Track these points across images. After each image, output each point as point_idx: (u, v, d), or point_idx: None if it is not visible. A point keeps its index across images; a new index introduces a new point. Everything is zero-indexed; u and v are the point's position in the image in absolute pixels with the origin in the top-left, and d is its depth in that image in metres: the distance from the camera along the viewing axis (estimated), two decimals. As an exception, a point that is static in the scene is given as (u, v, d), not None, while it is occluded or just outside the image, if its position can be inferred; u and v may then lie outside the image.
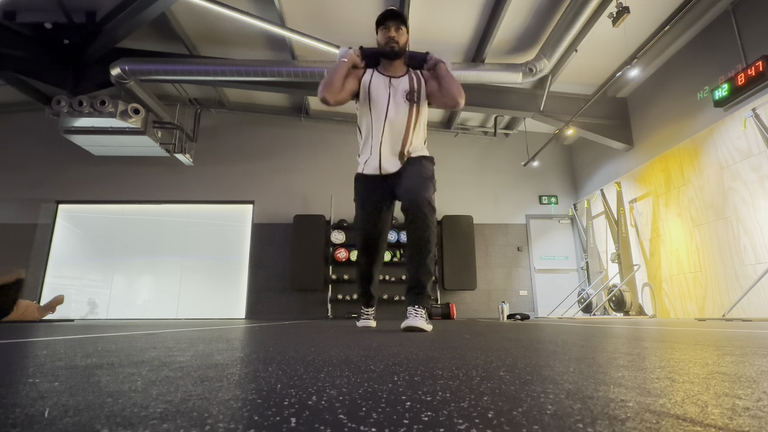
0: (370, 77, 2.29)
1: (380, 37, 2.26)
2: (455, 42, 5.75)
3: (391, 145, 2.24)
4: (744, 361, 0.73)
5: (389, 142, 2.24)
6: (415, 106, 2.25)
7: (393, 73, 2.30)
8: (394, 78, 2.28)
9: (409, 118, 2.24)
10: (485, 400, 0.41)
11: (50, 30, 5.51)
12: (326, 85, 2.15)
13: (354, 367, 0.66)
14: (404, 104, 2.23)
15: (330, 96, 2.14)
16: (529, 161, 7.59)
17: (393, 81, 2.27)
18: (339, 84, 2.17)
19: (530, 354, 0.86)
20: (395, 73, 2.30)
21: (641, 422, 0.32)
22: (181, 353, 0.87)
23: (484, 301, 7.45)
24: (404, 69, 2.33)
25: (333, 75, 2.17)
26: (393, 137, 2.23)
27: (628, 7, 4.23)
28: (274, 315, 7.13)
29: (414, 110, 2.25)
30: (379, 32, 2.27)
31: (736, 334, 1.54)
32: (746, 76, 4.24)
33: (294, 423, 0.32)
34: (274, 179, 7.79)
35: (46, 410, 0.36)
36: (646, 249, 6.04)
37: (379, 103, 2.24)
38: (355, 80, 2.28)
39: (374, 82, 2.27)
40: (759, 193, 4.29)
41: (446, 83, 2.19)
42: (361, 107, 2.32)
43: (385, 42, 2.23)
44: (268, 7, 5.16)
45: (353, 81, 2.27)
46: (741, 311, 4.33)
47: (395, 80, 2.27)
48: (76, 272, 7.44)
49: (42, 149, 7.72)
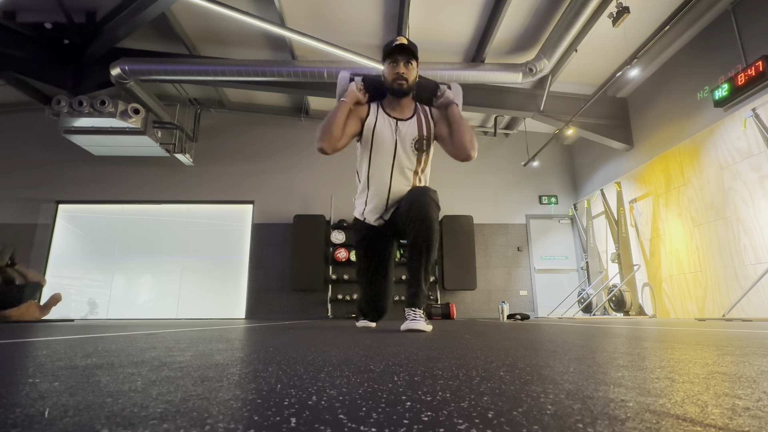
0: (375, 119, 2.08)
1: (387, 71, 2.05)
2: (455, 42, 5.76)
3: (397, 195, 2.11)
4: (744, 361, 0.73)
5: (396, 192, 2.11)
6: (423, 155, 2.11)
7: (400, 113, 2.12)
8: (402, 121, 2.09)
9: (417, 167, 2.11)
10: (485, 400, 0.41)
11: (50, 30, 5.51)
12: (325, 133, 1.94)
13: (354, 367, 0.66)
14: (413, 154, 2.09)
15: (328, 146, 1.94)
16: (529, 161, 7.59)
17: (400, 125, 2.08)
18: (339, 132, 1.96)
19: (530, 354, 0.86)
20: (402, 114, 2.12)
21: (641, 422, 0.32)
22: (181, 353, 0.87)
23: (484, 301, 7.45)
24: (412, 107, 2.16)
25: (332, 120, 1.96)
26: (399, 187, 2.10)
27: (628, 7, 4.24)
28: (274, 315, 7.13)
29: (422, 159, 2.11)
30: (386, 65, 2.05)
31: (736, 334, 1.54)
32: (746, 76, 4.24)
33: (294, 423, 0.32)
34: (274, 179, 7.79)
35: (46, 410, 0.36)
36: (646, 249, 6.04)
37: (384, 153, 2.07)
38: (357, 121, 2.07)
39: (379, 127, 2.07)
40: (759, 193, 4.29)
41: (459, 133, 2.02)
42: (362, 150, 2.14)
43: (393, 79, 2.03)
44: (268, 7, 5.16)
45: (355, 122, 2.06)
46: (741, 311, 4.33)
47: (402, 124, 2.09)
48: (76, 272, 7.45)
49: (42, 149, 7.72)
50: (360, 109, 2.10)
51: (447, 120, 2.08)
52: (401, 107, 2.12)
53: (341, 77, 2.14)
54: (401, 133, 2.08)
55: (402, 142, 2.07)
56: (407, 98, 2.12)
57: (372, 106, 2.13)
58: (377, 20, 5.38)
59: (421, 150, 2.10)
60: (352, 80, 2.13)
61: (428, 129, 2.11)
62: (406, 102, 2.12)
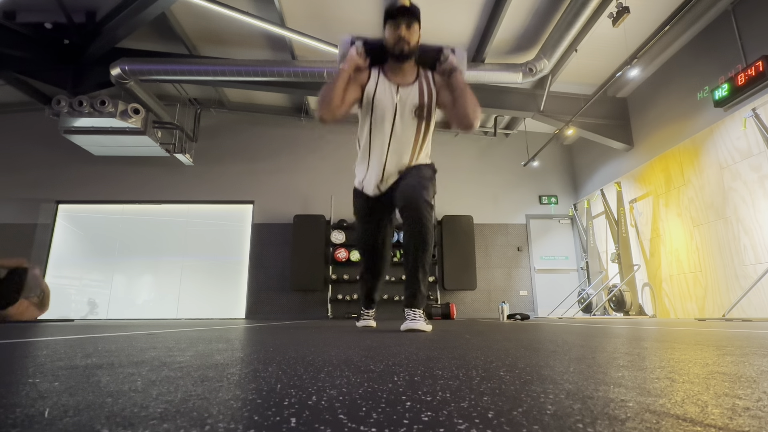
0: (375, 84, 2.02)
1: (388, 34, 1.97)
2: (455, 41, 5.74)
3: (395, 164, 2.08)
4: (744, 361, 0.72)
5: (393, 161, 2.07)
6: (424, 123, 2.04)
7: (402, 79, 2.04)
8: (403, 87, 2.02)
9: (417, 135, 2.04)
10: (485, 400, 0.41)
11: (50, 30, 5.51)
12: (324, 101, 1.90)
13: (354, 367, 0.66)
14: (412, 121, 2.02)
15: (328, 114, 1.89)
16: (529, 161, 7.59)
17: (401, 91, 2.01)
18: (339, 100, 1.91)
19: (530, 354, 0.86)
20: (404, 80, 2.04)
21: (641, 422, 0.32)
22: (181, 353, 0.87)
23: (484, 301, 7.45)
24: (414, 72, 2.07)
25: (332, 89, 1.90)
26: (398, 155, 2.06)
27: (628, 7, 4.24)
28: (274, 315, 7.13)
29: (423, 126, 2.05)
30: (387, 28, 1.97)
31: (736, 334, 1.54)
32: (746, 76, 4.24)
33: (294, 423, 0.32)
34: (274, 179, 7.79)
35: (46, 410, 0.36)
36: (646, 249, 6.04)
37: (384, 118, 2.01)
38: (357, 87, 2.01)
39: (379, 92, 2.01)
40: (759, 193, 4.29)
41: (461, 101, 1.93)
42: (362, 116, 2.09)
43: (394, 42, 1.95)
44: (268, 7, 5.16)
45: (355, 89, 2.00)
46: (741, 311, 4.33)
47: (404, 90, 2.02)
48: (76, 272, 7.44)
49: (42, 149, 7.72)
50: (360, 74, 2.03)
51: (450, 87, 2.00)
52: (403, 72, 2.04)
53: (342, 41, 2.05)
54: (402, 99, 2.00)
55: (402, 108, 2.00)
56: (409, 63, 2.03)
57: (373, 70, 2.05)
58: (377, 20, 5.35)
59: (421, 117, 2.02)
60: (353, 44, 2.02)
61: (430, 96, 2.03)
62: (407, 66, 2.04)
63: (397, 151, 2.05)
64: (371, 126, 2.04)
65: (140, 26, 5.20)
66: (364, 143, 2.11)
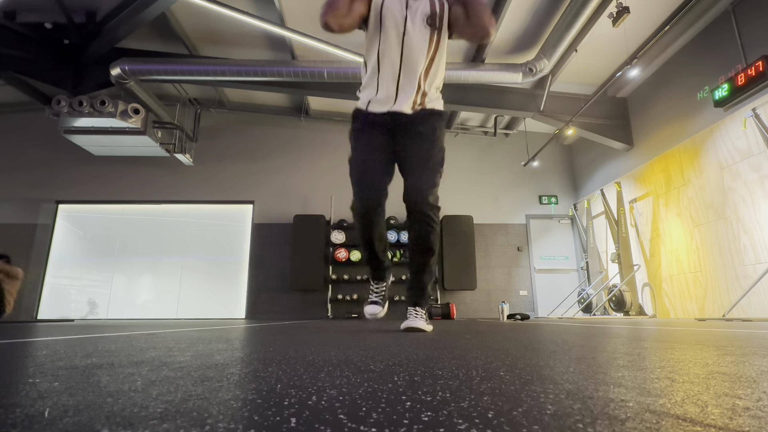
0: None
1: None
2: (455, 41, 5.74)
3: (409, 77, 1.91)
4: (744, 361, 0.72)
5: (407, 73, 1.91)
6: (436, 33, 1.91)
7: None
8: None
9: (429, 47, 1.91)
10: (485, 400, 0.41)
11: (50, 30, 5.51)
12: (330, 5, 1.75)
13: (354, 367, 0.66)
14: (424, 29, 1.89)
15: (333, 20, 1.75)
16: (529, 161, 7.59)
17: (410, 1, 1.92)
18: (345, 7, 1.77)
19: (530, 354, 0.86)
20: None
21: (641, 422, 0.32)
22: (181, 353, 0.87)
23: (484, 301, 7.45)
24: None
25: None
26: (410, 68, 1.90)
27: (628, 7, 4.24)
28: (274, 315, 7.13)
29: (435, 38, 1.91)
30: None
31: (736, 334, 1.54)
32: (746, 76, 4.24)
33: (294, 423, 0.32)
34: (274, 179, 7.79)
35: (46, 410, 0.36)
36: (646, 249, 6.04)
37: (394, 27, 1.89)
38: (364, 2, 1.90)
39: (388, 3, 1.91)
40: (759, 193, 4.29)
41: (475, 10, 1.84)
42: (370, 35, 1.95)
43: None
44: (268, 7, 5.16)
45: (361, 3, 1.88)
46: (741, 311, 4.33)
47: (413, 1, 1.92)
48: (76, 272, 7.45)
49: (42, 149, 7.72)
50: None
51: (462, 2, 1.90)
52: None
53: None
54: (412, 9, 1.91)
55: (413, 17, 1.89)
56: None
57: None
58: (377, 20, 5.38)
59: (434, 27, 1.90)
60: None
61: (441, 6, 1.94)
62: None
63: (410, 65, 1.91)
64: (380, 42, 1.91)
65: (140, 26, 5.21)
66: (373, 60, 1.95)
